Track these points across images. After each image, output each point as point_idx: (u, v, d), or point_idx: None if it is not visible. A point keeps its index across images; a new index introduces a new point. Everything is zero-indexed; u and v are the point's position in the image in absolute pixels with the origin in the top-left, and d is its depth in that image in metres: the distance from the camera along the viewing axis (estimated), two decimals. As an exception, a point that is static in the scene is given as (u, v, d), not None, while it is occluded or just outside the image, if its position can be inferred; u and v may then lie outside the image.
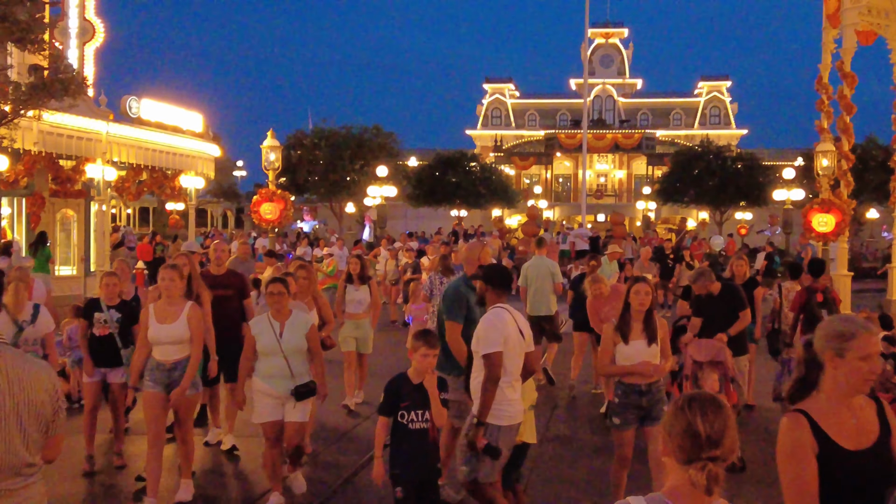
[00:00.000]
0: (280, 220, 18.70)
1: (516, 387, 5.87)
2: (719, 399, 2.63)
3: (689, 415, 2.54)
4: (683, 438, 2.52)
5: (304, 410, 6.77)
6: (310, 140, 40.76)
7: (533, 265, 13.04)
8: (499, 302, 5.98)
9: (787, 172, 34.27)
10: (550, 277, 12.91)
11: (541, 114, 75.50)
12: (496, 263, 10.10)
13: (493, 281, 6.11)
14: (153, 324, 6.67)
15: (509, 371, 5.76)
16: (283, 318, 6.67)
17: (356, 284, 10.38)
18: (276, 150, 18.90)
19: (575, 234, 34.88)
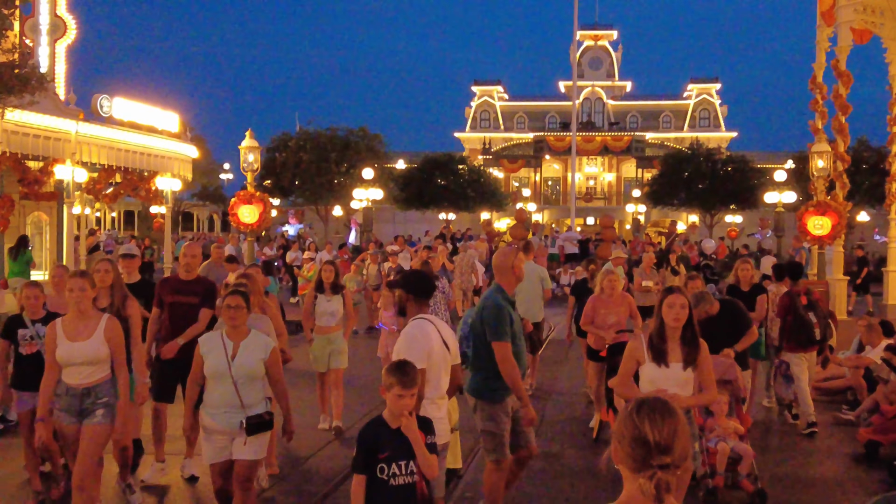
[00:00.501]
0: (260, 224, 18.10)
1: (441, 405, 5.37)
2: (670, 404, 2.51)
3: (637, 420, 2.44)
4: (633, 445, 2.43)
5: (258, 447, 5.68)
6: (295, 142, 40.08)
7: None
8: (421, 312, 5.50)
9: (779, 175, 33.82)
10: (539, 283, 12.52)
11: (529, 116, 75.03)
12: (416, 269, 9.66)
13: (413, 289, 5.55)
14: (62, 341, 5.77)
15: (434, 388, 5.27)
16: (238, 338, 5.69)
17: (328, 294, 9.48)
18: (255, 151, 18.30)
19: (564, 237, 34.36)
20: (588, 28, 71.88)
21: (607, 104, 73.70)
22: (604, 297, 9.46)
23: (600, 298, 9.48)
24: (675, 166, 46.02)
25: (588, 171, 69.22)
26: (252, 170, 18.39)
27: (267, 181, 41.84)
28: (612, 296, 9.42)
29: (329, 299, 9.44)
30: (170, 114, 18.30)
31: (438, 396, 5.33)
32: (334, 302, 9.43)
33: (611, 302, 9.40)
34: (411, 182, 45.57)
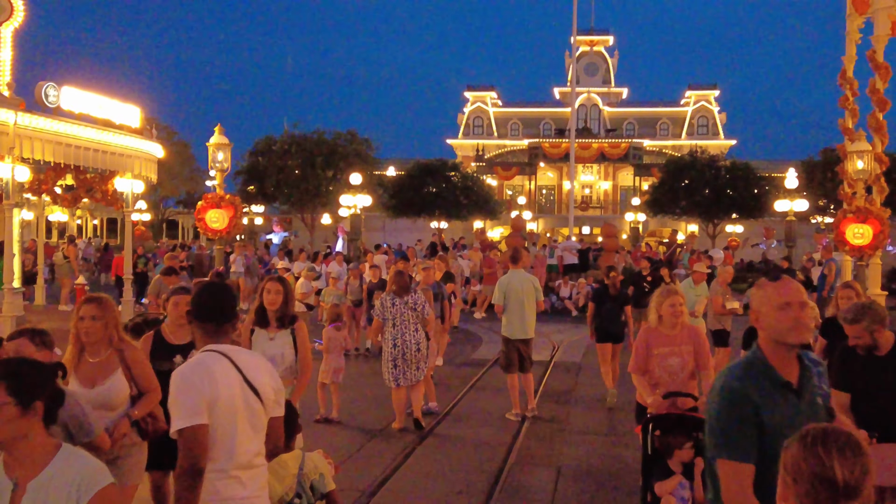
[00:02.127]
0: (229, 230, 16.15)
1: (245, 479, 3.57)
2: (857, 437, 2.19)
3: (823, 455, 2.13)
4: (814, 484, 2.12)
5: None
6: (279, 146, 38.07)
7: (510, 280, 11.13)
8: (210, 343, 3.65)
9: (790, 181, 32.02)
10: (533, 294, 11.02)
11: (524, 123, 73.26)
12: (210, 281, 7.20)
13: (199, 312, 3.68)
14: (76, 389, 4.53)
15: (227, 454, 3.50)
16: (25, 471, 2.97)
17: (271, 329, 6.54)
18: (225, 149, 16.36)
19: (563, 247, 32.41)
20: (584, 33, 70.09)
21: (603, 111, 72.03)
22: (663, 330, 6.66)
23: (656, 331, 6.69)
24: (675, 174, 44.24)
25: (584, 180, 67.46)
26: (222, 169, 16.47)
27: (250, 186, 39.89)
28: (674, 327, 6.66)
29: (272, 336, 6.55)
30: (129, 107, 16.32)
31: (239, 466, 3.55)
32: (279, 341, 6.51)
33: (673, 337, 6.66)
34: (402, 189, 43.65)
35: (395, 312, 10.00)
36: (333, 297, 15.00)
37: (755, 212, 41.70)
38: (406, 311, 10.06)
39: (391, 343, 9.99)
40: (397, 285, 10.15)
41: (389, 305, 10.05)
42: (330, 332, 10.63)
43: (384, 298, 10.19)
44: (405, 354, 9.92)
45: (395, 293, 10.10)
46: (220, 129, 16.35)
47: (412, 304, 10.10)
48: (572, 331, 21.10)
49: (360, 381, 12.74)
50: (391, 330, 9.98)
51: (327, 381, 10.40)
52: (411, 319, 10.05)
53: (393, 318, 10.00)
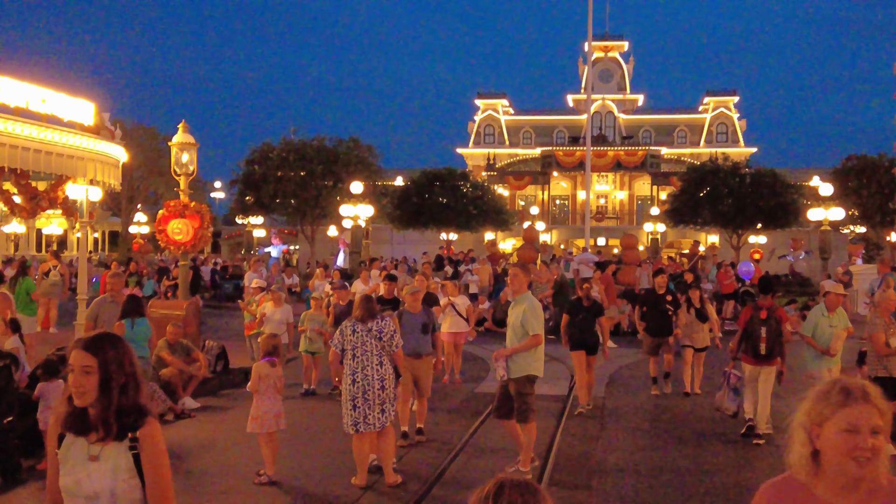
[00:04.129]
0: (195, 243, 13.94)
1: None
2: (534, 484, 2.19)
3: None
4: None
5: None
6: (277, 153, 35.90)
7: (512, 303, 9.00)
8: None
9: (825, 189, 29.62)
10: (525, 323, 8.51)
11: (536, 131, 71.04)
12: None
13: None
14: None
15: None
16: None
17: (93, 438, 3.17)
18: (190, 150, 14.20)
19: (579, 259, 30.02)
20: (598, 39, 67.88)
21: (618, 118, 69.79)
22: (824, 493, 2.65)
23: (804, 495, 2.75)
24: (697, 182, 41.80)
25: (599, 189, 65.14)
26: (187, 173, 14.30)
27: (248, 197, 37.77)
28: (856, 486, 2.58)
29: (95, 454, 3.18)
30: (81, 102, 14.11)
31: None
32: (106, 463, 3.16)
33: None
34: (408, 199, 41.39)
35: (355, 341, 8.04)
36: (315, 322, 12.80)
37: (782, 221, 39.27)
38: (369, 339, 8.05)
39: (350, 379, 8.03)
40: (362, 310, 8.17)
41: (349, 333, 8.11)
42: (262, 367, 8.49)
43: (344, 325, 8.28)
44: (366, 393, 7.95)
45: (358, 318, 8.14)
46: (184, 127, 14.22)
47: (377, 331, 8.07)
48: (592, 355, 18.78)
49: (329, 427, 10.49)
50: (350, 363, 8.05)
51: (258, 429, 8.30)
52: (374, 350, 8.05)
53: (353, 349, 8.04)
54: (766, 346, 9.76)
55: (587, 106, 50.98)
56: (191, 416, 11.50)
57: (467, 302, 14.25)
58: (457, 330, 13.84)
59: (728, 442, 10.21)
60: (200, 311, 14.02)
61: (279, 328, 12.39)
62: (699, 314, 13.30)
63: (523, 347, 8.43)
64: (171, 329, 12.29)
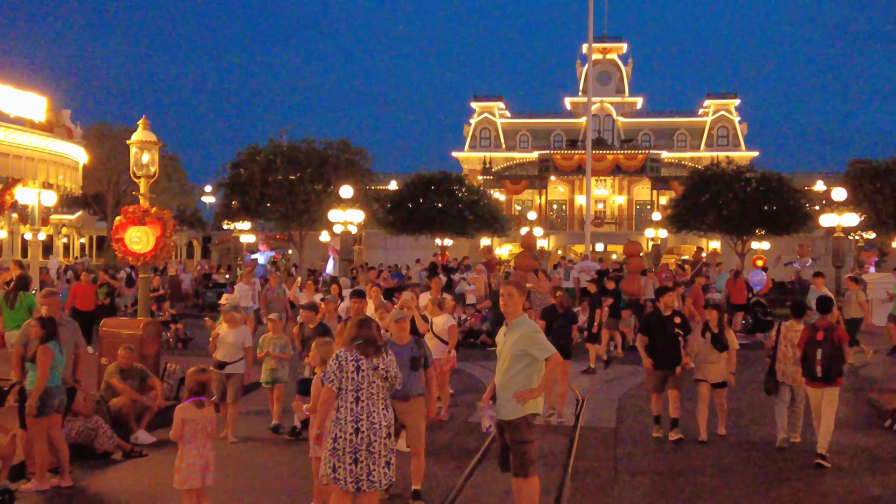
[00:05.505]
0: (156, 253, 12.43)
1: None
2: None
3: None
4: None
5: None
6: (263, 156, 34.36)
7: (509, 328, 7.18)
8: None
9: (838, 193, 28.14)
10: (518, 353, 6.97)
11: (533, 134, 69.64)
12: None
13: None
14: None
15: None
16: None
17: None
18: (152, 149, 12.68)
19: (580, 267, 28.63)
20: (596, 40, 66.35)
21: (617, 121, 68.42)
22: None
23: None
24: (700, 186, 40.32)
25: (597, 194, 63.65)
26: (148, 175, 12.78)
27: (233, 201, 36.22)
28: None
29: None
30: (29, 95, 12.62)
31: None
32: None
33: None
34: (401, 204, 39.83)
35: (359, 381, 6.45)
36: (275, 346, 11.06)
37: (789, 227, 37.83)
38: (376, 379, 6.50)
39: (352, 427, 6.39)
40: (365, 339, 6.55)
41: (351, 370, 6.46)
42: (186, 410, 7.04)
43: (342, 357, 6.53)
44: (372, 444, 6.37)
45: (361, 351, 6.52)
46: (144, 123, 12.70)
47: (384, 369, 6.55)
48: (599, 372, 17.29)
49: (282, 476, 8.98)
50: (352, 407, 6.43)
51: (184, 485, 6.91)
52: (381, 392, 6.53)
53: (356, 390, 6.45)
54: (821, 369, 9.55)
55: (586, 108, 49.68)
56: (143, 455, 9.98)
57: (449, 321, 11.97)
58: (436, 355, 11.26)
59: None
60: (160, 331, 12.47)
61: (234, 353, 10.73)
62: (716, 340, 10.77)
63: (549, 378, 6.99)
64: (122, 353, 10.77)
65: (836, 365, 9.55)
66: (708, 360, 10.85)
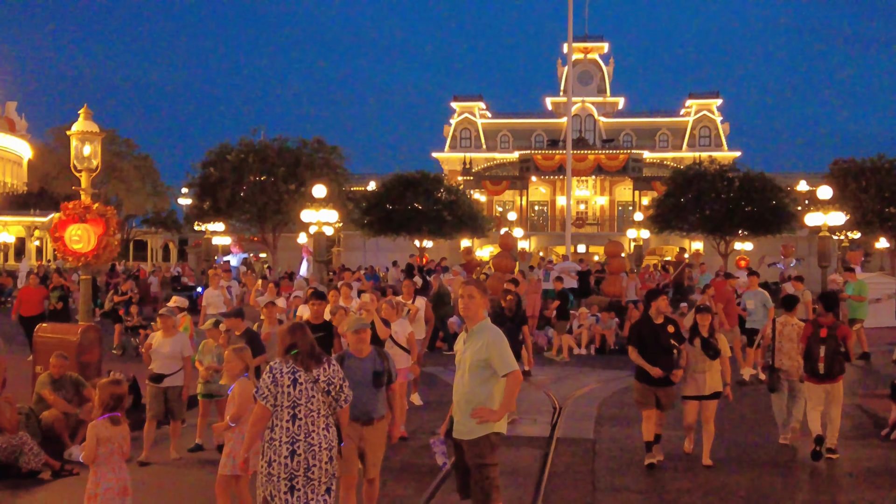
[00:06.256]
0: (97, 252, 11.49)
1: None
2: None
3: None
4: None
5: None
6: (235, 155, 33.36)
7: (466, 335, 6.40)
8: None
9: (823, 192, 27.42)
10: (480, 365, 6.10)
11: (514, 135, 68.89)
12: None
13: None
14: None
15: None
16: None
17: None
18: (94, 140, 11.74)
19: (560, 268, 27.78)
20: (577, 40, 65.74)
21: (599, 121, 67.81)
22: None
23: None
24: (682, 186, 39.65)
25: (579, 195, 63.01)
26: (89, 168, 11.84)
27: (206, 202, 35.20)
28: None
29: None
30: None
31: None
32: None
33: None
34: (379, 204, 38.86)
35: (296, 396, 5.63)
36: (211, 357, 10.06)
37: (773, 227, 37.21)
38: (316, 394, 5.67)
39: (287, 449, 5.57)
40: (301, 348, 5.72)
41: (287, 384, 5.63)
42: (100, 428, 6.21)
43: (276, 369, 5.70)
44: (311, 470, 5.57)
45: (299, 362, 5.69)
46: (86, 113, 11.76)
47: (325, 382, 5.72)
48: (578, 378, 16.47)
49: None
50: (287, 425, 5.61)
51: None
52: (322, 409, 5.70)
53: (293, 406, 5.62)
54: (824, 366, 9.55)
55: (567, 108, 48.93)
56: (74, 474, 9.05)
57: (408, 328, 10.83)
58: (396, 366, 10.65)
59: None
60: (101, 337, 11.53)
61: (171, 365, 9.78)
62: (707, 346, 9.53)
63: (510, 399, 6.05)
64: (54, 361, 9.83)
65: (839, 362, 9.59)
66: (698, 370, 9.55)
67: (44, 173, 54.14)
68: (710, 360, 9.53)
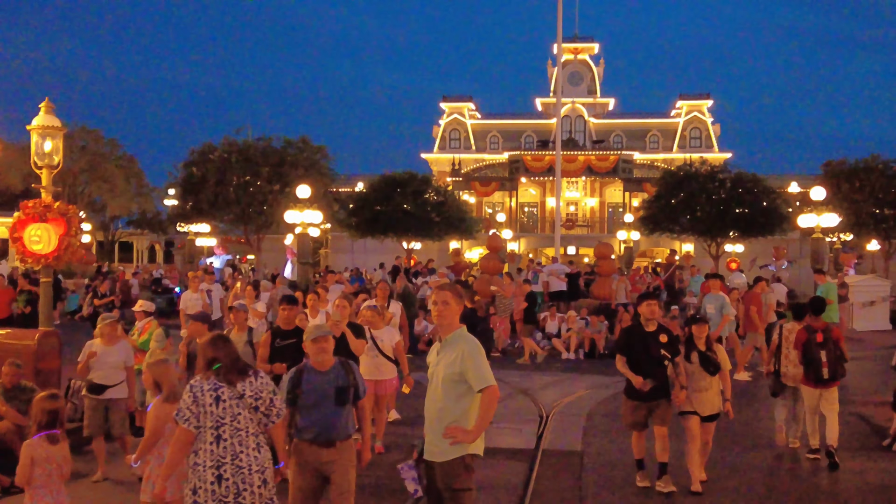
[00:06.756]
0: (58, 253, 10.89)
1: None
2: None
3: None
4: None
5: None
6: (218, 155, 32.72)
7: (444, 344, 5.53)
8: None
9: (817, 192, 27.00)
10: (453, 379, 5.38)
11: (504, 135, 68.32)
12: None
13: None
14: None
15: None
16: None
17: None
18: (55, 135, 11.13)
19: (549, 270, 27.26)
20: (568, 41, 65.42)
21: (589, 122, 67.29)
22: None
23: None
24: (673, 187, 39.18)
25: (569, 197, 62.53)
26: (51, 165, 11.23)
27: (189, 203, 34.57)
28: None
29: None
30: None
31: None
32: None
33: None
34: (365, 205, 38.24)
35: (220, 415, 5.10)
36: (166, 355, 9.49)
37: (765, 229, 36.77)
38: (243, 411, 5.15)
39: (213, 474, 5.04)
40: (224, 361, 5.21)
41: (209, 402, 5.10)
42: (36, 447, 5.77)
43: (196, 388, 5.16)
44: (240, 495, 5.06)
45: (222, 377, 5.16)
46: (47, 107, 11.14)
47: (252, 397, 5.20)
48: (566, 383, 15.91)
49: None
50: (211, 448, 5.09)
51: None
52: (251, 427, 5.18)
53: (217, 426, 5.10)
54: (828, 371, 9.54)
55: (556, 109, 48.43)
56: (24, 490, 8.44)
57: (396, 336, 9.98)
58: (379, 377, 9.67)
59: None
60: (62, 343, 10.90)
61: (114, 375, 9.13)
62: (706, 361, 8.51)
63: (485, 417, 5.33)
64: (5, 369, 9.21)
65: (840, 366, 9.60)
66: (698, 388, 8.54)
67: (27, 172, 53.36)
68: (710, 375, 8.51)
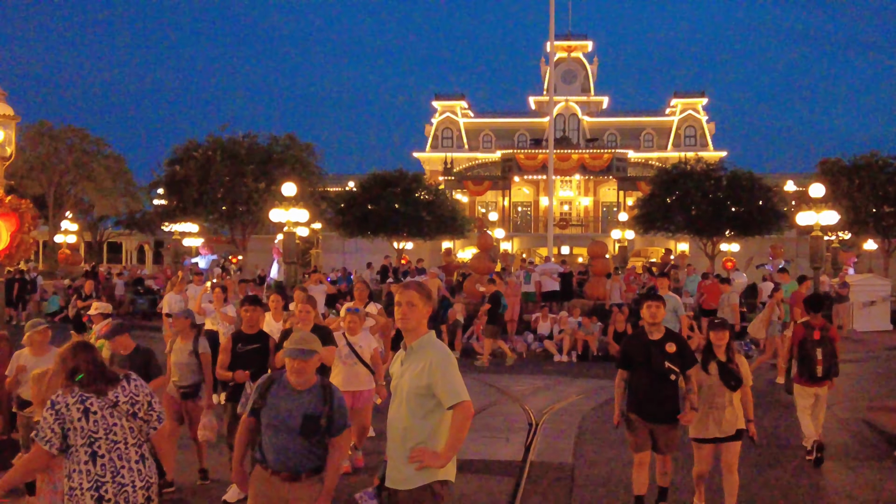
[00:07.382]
0: (10, 251, 10.13)
1: None
2: None
3: None
4: None
5: None
6: (202, 152, 31.93)
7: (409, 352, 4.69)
8: None
9: (815, 190, 26.28)
10: (419, 392, 4.55)
11: (497, 134, 67.60)
12: None
13: None
14: None
15: None
16: None
17: None
18: (7, 125, 10.37)
19: (541, 269, 26.54)
20: (561, 38, 64.76)
21: (583, 121, 66.61)
22: None
23: None
24: (668, 185, 38.48)
25: (562, 196, 61.91)
26: (3, 156, 10.47)
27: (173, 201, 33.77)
28: None
29: None
30: None
31: None
32: None
33: None
34: (355, 204, 37.45)
35: (91, 430, 4.50)
36: None
37: (761, 228, 36.10)
38: (117, 421, 4.54)
39: (91, 496, 4.44)
40: (88, 370, 4.59)
41: (77, 416, 4.49)
42: None
43: (59, 403, 4.52)
44: None
45: (89, 387, 4.55)
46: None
47: (127, 402, 4.59)
48: (557, 388, 15.18)
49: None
50: (87, 467, 4.48)
51: None
52: (130, 439, 4.57)
53: (89, 443, 4.48)
54: (822, 369, 9.47)
55: (550, 108, 47.78)
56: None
57: (373, 343, 9.12)
58: (356, 387, 8.83)
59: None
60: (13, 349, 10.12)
61: None
62: (726, 373, 7.26)
63: (457, 437, 4.49)
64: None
65: (835, 364, 9.53)
66: (714, 405, 7.27)
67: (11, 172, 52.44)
68: (731, 391, 7.24)
